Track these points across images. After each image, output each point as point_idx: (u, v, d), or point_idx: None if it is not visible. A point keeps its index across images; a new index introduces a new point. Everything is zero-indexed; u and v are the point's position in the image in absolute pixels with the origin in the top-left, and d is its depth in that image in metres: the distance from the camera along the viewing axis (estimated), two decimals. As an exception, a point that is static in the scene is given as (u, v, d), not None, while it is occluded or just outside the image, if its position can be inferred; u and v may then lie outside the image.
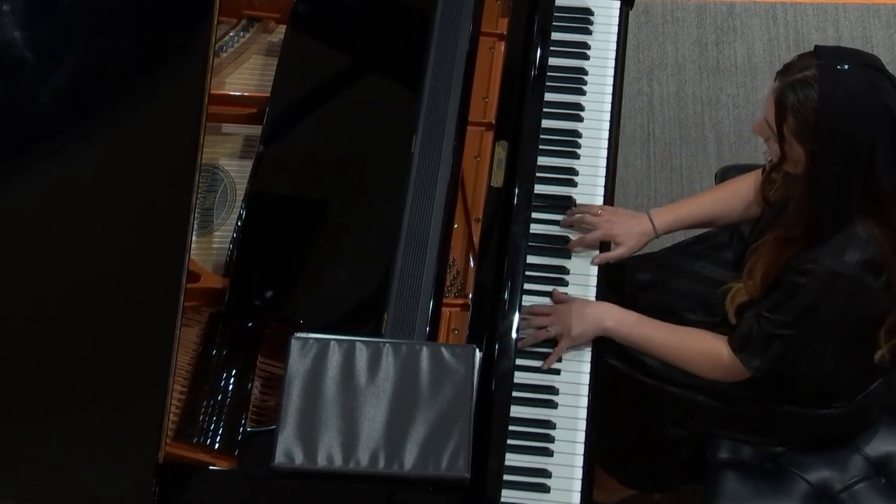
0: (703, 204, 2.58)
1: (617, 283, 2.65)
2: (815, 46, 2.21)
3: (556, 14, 2.74)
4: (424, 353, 2.14)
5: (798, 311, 2.27)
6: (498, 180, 2.50)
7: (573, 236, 2.54)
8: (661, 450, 2.75)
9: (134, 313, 2.24)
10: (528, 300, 2.44)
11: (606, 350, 2.47)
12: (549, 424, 2.35)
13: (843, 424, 2.53)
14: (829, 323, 2.28)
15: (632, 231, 2.52)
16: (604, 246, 2.54)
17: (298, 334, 2.17)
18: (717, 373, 2.41)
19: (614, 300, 2.48)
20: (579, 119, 2.67)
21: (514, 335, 2.36)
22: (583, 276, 2.51)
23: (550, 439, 2.34)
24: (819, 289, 2.23)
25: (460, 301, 2.38)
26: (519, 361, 2.37)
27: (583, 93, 2.70)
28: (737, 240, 2.64)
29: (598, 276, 2.51)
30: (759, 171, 2.53)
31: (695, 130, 3.72)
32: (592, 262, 2.50)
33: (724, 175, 2.92)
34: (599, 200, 2.59)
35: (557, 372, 2.41)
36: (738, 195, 2.56)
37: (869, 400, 2.50)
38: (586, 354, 2.42)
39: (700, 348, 2.40)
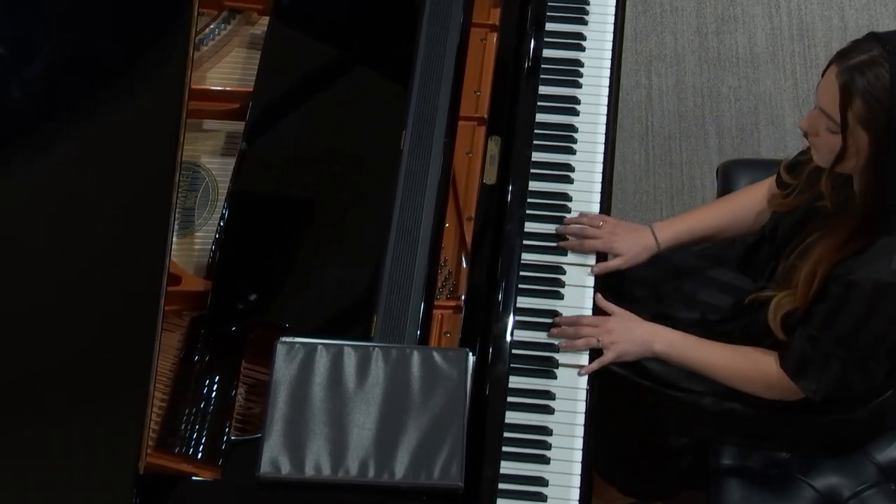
0: (709, 216, 2.58)
1: (615, 279, 2.65)
2: (870, 32, 2.19)
3: (550, 3, 2.74)
4: (415, 357, 2.14)
5: (851, 326, 2.25)
6: (491, 177, 2.50)
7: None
8: (662, 456, 2.76)
9: (112, 318, 2.24)
10: (522, 301, 2.45)
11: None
12: (546, 430, 2.35)
13: (857, 430, 2.53)
14: (880, 337, 2.27)
15: (634, 244, 2.52)
16: (600, 255, 2.53)
17: (284, 338, 2.18)
18: (770, 394, 2.42)
19: (611, 298, 2.48)
20: (575, 113, 2.68)
21: (508, 338, 2.36)
22: (579, 276, 2.51)
23: (547, 446, 2.34)
24: (869, 301, 2.22)
25: (452, 303, 2.39)
26: (514, 365, 2.38)
27: (579, 85, 2.71)
28: (739, 244, 2.64)
29: (596, 278, 2.50)
30: (771, 181, 2.53)
31: (695, 124, 3.72)
32: (591, 273, 2.49)
33: (726, 170, 2.93)
34: (596, 197, 2.59)
35: (554, 376, 2.41)
36: (747, 206, 2.55)
37: (885, 405, 2.50)
38: (584, 358, 2.42)
39: (753, 370, 2.40)
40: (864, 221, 2.22)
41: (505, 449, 2.28)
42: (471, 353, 2.16)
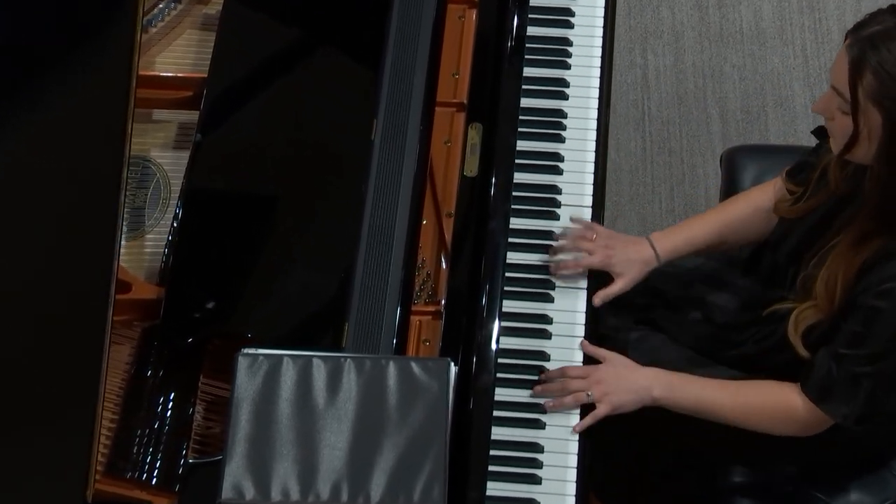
0: (712, 224, 2.57)
1: (610, 280, 2.66)
2: (892, 4, 2.19)
3: (534, -24, 2.76)
4: (391, 368, 2.14)
5: (884, 340, 2.24)
6: (472, 169, 2.51)
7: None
8: (664, 475, 2.77)
9: (54, 331, 2.24)
10: (509, 305, 2.45)
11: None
12: (537, 448, 2.36)
13: (878, 444, 2.55)
14: None
15: (631, 259, 2.52)
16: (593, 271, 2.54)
17: (246, 350, 2.18)
18: (793, 428, 2.39)
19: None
20: (564, 97, 2.69)
21: (493, 346, 2.37)
22: (571, 276, 2.52)
23: (538, 465, 2.35)
24: None
25: (432, 308, 2.39)
26: (500, 375, 2.38)
27: (567, 66, 2.71)
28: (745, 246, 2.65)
29: (589, 278, 2.52)
30: (776, 182, 2.53)
31: (696, 107, 3.74)
32: (594, 304, 2.48)
33: (731, 158, 2.94)
34: (589, 189, 2.60)
35: (544, 387, 2.42)
36: (751, 212, 2.55)
37: None
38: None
39: (769, 404, 2.38)
40: (880, 219, 2.22)
41: (492, 468, 2.28)
42: (452, 364, 2.17)
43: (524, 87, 2.65)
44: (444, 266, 2.43)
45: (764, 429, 2.40)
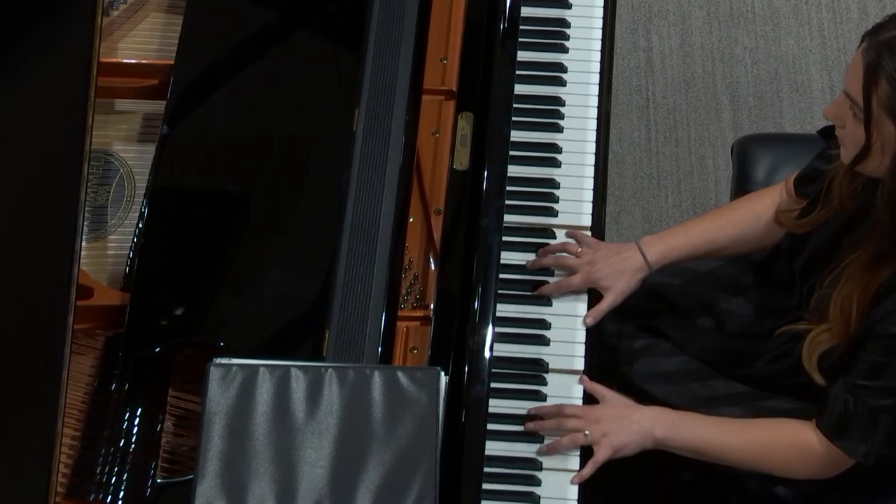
0: (709, 230, 2.56)
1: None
2: None
3: (528, -48, 2.76)
4: (376, 378, 2.15)
5: None
6: (462, 162, 2.51)
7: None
8: (673, 493, 2.77)
9: (8, 341, 2.24)
10: (503, 309, 2.46)
11: (601, 379, 2.48)
12: (535, 464, 2.37)
13: None
14: None
15: (618, 270, 2.51)
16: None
17: (218, 360, 2.18)
18: (810, 468, 2.38)
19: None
20: (561, 83, 2.69)
21: (487, 353, 2.37)
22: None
23: (536, 482, 2.35)
24: None
25: (420, 313, 2.40)
26: (495, 385, 2.38)
27: (565, 50, 2.72)
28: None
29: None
30: (783, 185, 2.53)
31: (705, 93, 3.75)
32: (585, 324, 2.48)
33: (743, 148, 2.94)
34: (589, 183, 2.60)
35: (543, 398, 2.42)
36: (755, 218, 2.54)
37: None
38: (576, 378, 2.44)
39: (781, 443, 2.37)
40: (894, 239, 2.21)
41: (486, 486, 2.29)
42: (443, 373, 2.17)
43: (518, 72, 2.65)
44: (432, 267, 2.43)
45: (777, 471, 2.40)
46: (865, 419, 2.29)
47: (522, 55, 2.67)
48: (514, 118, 2.61)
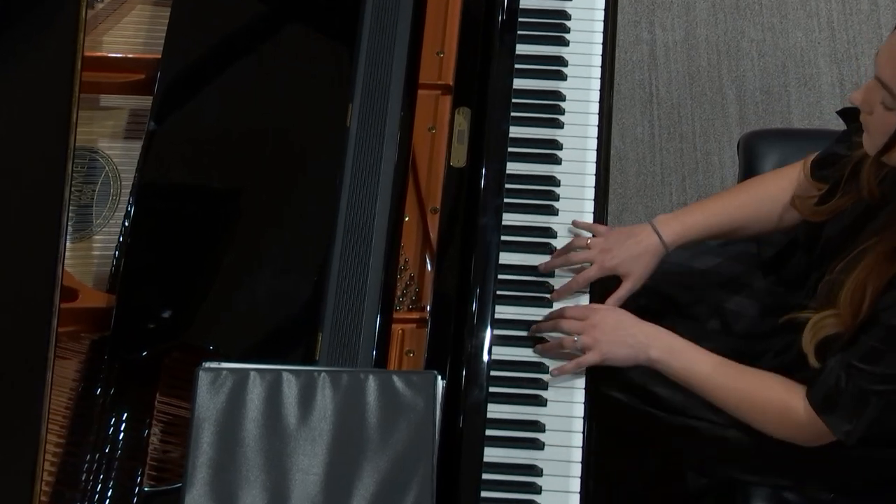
0: (727, 208, 2.56)
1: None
2: None
3: (527, -58, 2.76)
4: (371, 383, 2.14)
5: None
6: (459, 159, 2.51)
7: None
8: (678, 501, 2.78)
9: (-9, 344, 2.24)
10: (502, 311, 2.46)
11: (604, 380, 2.48)
12: (535, 471, 2.37)
13: None
14: None
15: (634, 254, 2.51)
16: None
17: (208, 364, 2.18)
18: (786, 431, 2.40)
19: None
20: (562, 77, 2.69)
21: (485, 357, 2.37)
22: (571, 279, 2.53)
23: (537, 490, 2.35)
24: None
25: (416, 315, 2.40)
26: (494, 390, 2.39)
27: (565, 43, 2.72)
28: (767, 245, 2.65)
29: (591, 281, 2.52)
30: (797, 170, 2.53)
31: (710, 87, 3.75)
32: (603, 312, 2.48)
33: (750, 144, 2.95)
34: (590, 181, 2.60)
35: (543, 403, 2.42)
36: (773, 197, 2.54)
37: None
38: (580, 380, 2.44)
39: (768, 399, 2.39)
40: None
41: (484, 494, 2.29)
42: (440, 377, 2.17)
43: (517, 66, 2.65)
44: (429, 268, 2.43)
45: (755, 423, 2.42)
46: (855, 399, 2.30)
47: (521, 48, 2.67)
48: (512, 114, 2.61)
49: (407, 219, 2.44)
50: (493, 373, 2.39)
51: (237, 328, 2.30)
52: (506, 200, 2.54)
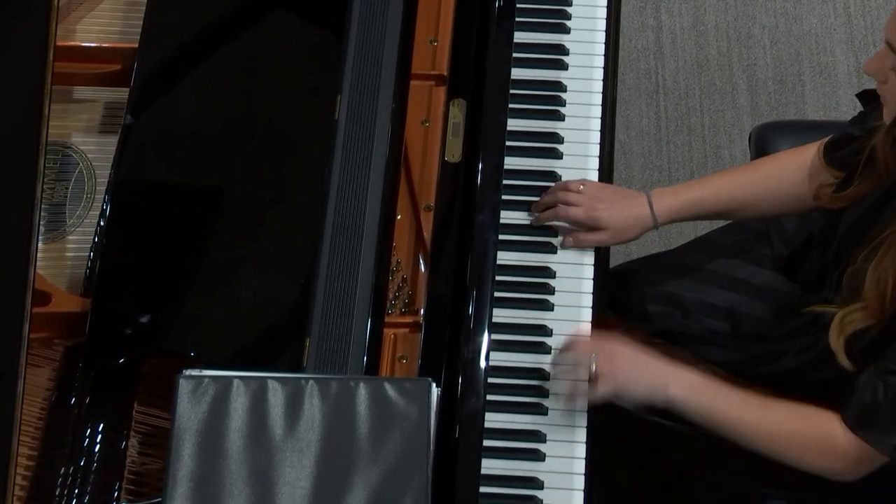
0: (726, 185, 2.57)
1: (621, 289, 2.67)
2: None
3: (526, -77, 2.76)
4: (362, 391, 2.14)
5: None
6: (455, 153, 2.51)
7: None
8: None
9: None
10: (500, 314, 2.46)
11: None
12: (535, 483, 2.37)
13: None
14: None
15: (623, 214, 2.53)
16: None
17: (189, 372, 2.18)
18: (828, 463, 2.35)
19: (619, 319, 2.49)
20: (563, 66, 2.69)
21: (482, 363, 2.37)
22: (574, 281, 2.53)
23: (537, 503, 2.36)
24: None
25: (409, 319, 2.40)
26: (491, 398, 2.39)
27: (566, 30, 2.72)
28: (779, 242, 2.65)
29: (596, 282, 2.52)
30: (811, 152, 2.53)
31: (720, 77, 3.75)
32: (562, 245, 2.50)
33: (762, 136, 2.95)
34: (593, 175, 2.61)
35: (544, 411, 2.42)
36: (782, 178, 2.54)
37: None
38: (582, 387, 2.44)
39: (802, 430, 2.35)
40: None
41: (482, 508, 2.29)
42: (434, 384, 2.17)
43: (515, 55, 2.65)
44: (422, 269, 2.43)
45: (791, 458, 2.39)
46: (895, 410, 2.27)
47: (520, 36, 2.68)
48: (510, 105, 2.61)
49: (399, 217, 2.45)
50: (490, 380, 2.40)
51: (220, 333, 2.30)
52: (504, 197, 2.54)
